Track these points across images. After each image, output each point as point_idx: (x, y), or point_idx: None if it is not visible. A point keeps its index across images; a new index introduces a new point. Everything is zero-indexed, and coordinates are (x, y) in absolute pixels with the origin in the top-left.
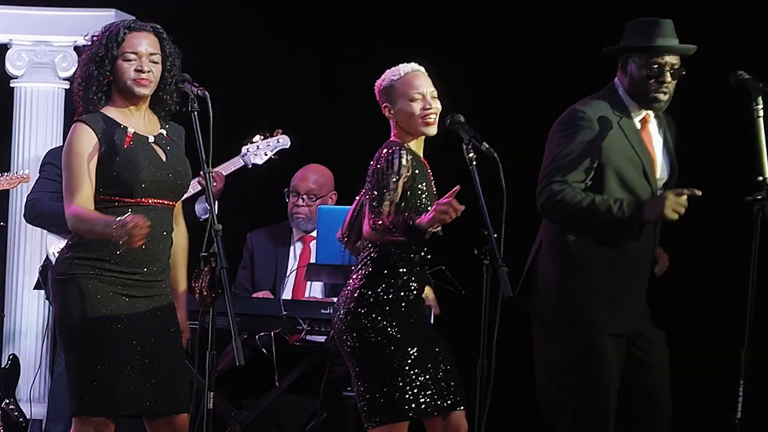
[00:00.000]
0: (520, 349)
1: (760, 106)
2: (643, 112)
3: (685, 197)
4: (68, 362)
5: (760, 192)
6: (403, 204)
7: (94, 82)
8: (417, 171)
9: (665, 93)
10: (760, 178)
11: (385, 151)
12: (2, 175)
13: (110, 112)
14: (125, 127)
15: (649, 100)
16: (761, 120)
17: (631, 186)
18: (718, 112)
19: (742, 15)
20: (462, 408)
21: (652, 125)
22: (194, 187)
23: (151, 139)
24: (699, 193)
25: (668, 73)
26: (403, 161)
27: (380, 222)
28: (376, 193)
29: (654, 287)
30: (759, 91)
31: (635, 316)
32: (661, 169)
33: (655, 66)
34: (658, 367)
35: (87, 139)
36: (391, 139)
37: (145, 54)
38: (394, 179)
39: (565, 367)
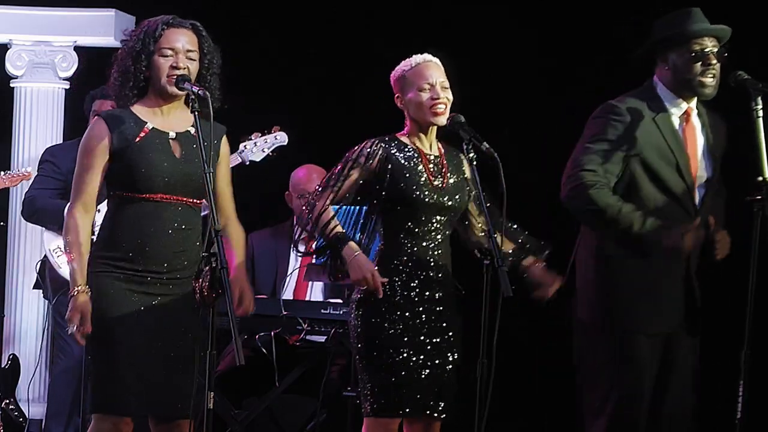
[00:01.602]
0: (520, 349)
1: (760, 106)
2: (685, 106)
3: (703, 231)
4: (87, 358)
5: (760, 192)
6: (361, 193)
7: (131, 78)
8: (396, 163)
9: (713, 76)
10: (760, 178)
11: None
12: (4, 173)
13: (137, 108)
14: (144, 122)
15: (696, 86)
16: (761, 120)
17: (665, 182)
18: (717, 112)
19: (742, 15)
20: (441, 417)
21: (696, 121)
22: None
23: (172, 135)
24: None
25: (711, 55)
26: (365, 151)
27: (310, 198)
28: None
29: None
30: (758, 91)
31: (672, 314)
32: (701, 168)
33: (698, 48)
34: (684, 373)
35: (99, 134)
36: (405, 131)
37: (181, 50)
38: (349, 164)
39: (600, 368)
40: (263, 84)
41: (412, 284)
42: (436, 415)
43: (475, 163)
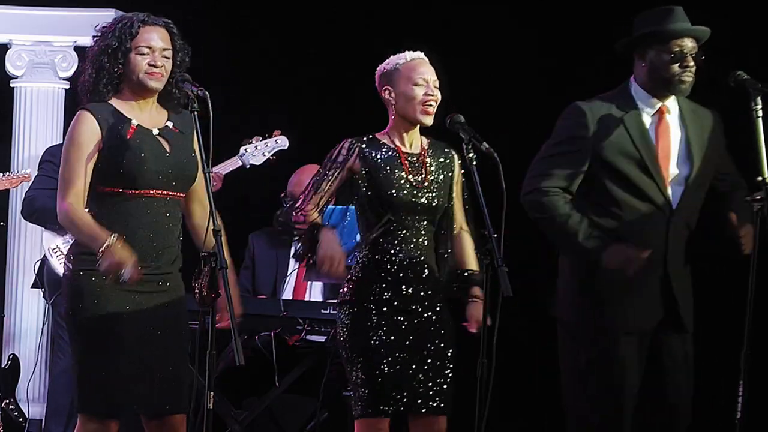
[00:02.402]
0: (520, 349)
1: (759, 107)
2: (659, 105)
3: (645, 255)
4: (74, 359)
5: (760, 192)
6: (343, 194)
7: (105, 74)
8: (373, 163)
9: (689, 76)
10: (760, 178)
11: None
12: (3, 175)
13: (116, 104)
14: (129, 119)
15: (674, 84)
16: (760, 120)
17: (632, 181)
18: (717, 113)
19: (742, 15)
20: (441, 412)
21: (672, 118)
22: None
23: (156, 131)
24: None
25: (690, 57)
26: (343, 151)
27: (293, 211)
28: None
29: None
30: (758, 91)
31: (648, 313)
32: (673, 165)
33: (677, 49)
34: (680, 372)
35: (89, 128)
36: (386, 129)
37: (158, 49)
38: (328, 168)
39: (582, 369)
40: (263, 84)
41: (393, 284)
42: (432, 409)
43: (474, 163)
